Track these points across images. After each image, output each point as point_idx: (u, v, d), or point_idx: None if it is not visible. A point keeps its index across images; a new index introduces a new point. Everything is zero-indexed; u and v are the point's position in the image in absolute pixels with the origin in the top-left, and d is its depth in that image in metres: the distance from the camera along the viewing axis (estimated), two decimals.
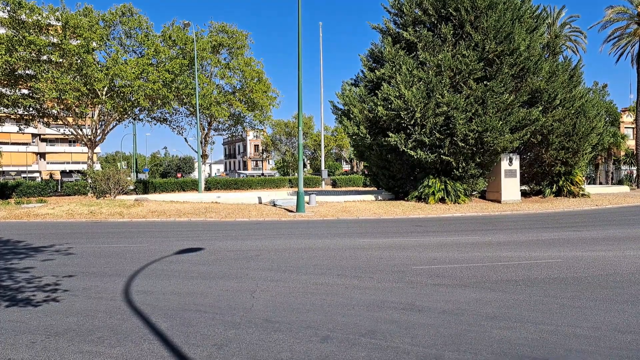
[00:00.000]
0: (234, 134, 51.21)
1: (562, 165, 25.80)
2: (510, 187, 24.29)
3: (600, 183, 50.52)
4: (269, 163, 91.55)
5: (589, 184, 44.57)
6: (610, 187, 34.90)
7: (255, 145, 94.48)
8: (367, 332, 5.20)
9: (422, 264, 8.97)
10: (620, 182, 47.80)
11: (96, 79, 30.05)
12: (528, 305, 6.16)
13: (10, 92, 30.89)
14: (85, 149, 39.87)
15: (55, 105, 32.65)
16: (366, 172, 38.71)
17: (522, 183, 26.25)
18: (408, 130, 22.12)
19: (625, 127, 56.45)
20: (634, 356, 4.48)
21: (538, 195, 27.42)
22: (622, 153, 51.84)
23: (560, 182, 26.50)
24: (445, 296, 6.68)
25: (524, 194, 27.15)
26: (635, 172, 42.81)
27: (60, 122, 35.00)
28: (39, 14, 29.11)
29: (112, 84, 31.62)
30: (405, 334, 5.14)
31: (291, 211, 20.30)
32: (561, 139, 24.45)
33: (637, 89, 37.85)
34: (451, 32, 22.60)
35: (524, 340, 4.90)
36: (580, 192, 26.52)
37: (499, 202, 23.89)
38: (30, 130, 61.88)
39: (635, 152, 40.98)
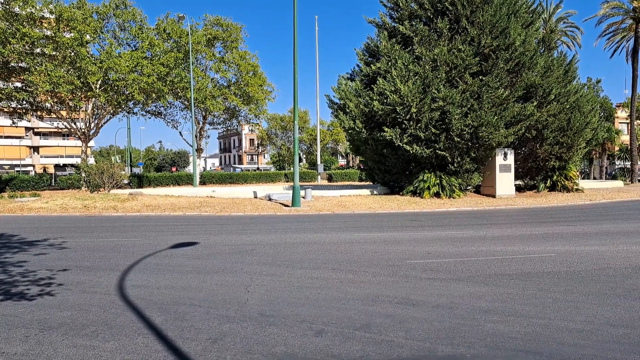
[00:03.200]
0: (229, 127, 51.11)
1: (557, 160, 25.88)
2: (505, 182, 24.36)
3: (595, 178, 50.81)
4: (264, 157, 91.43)
5: (583, 178, 44.79)
6: (605, 182, 35.09)
7: (250, 140, 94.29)
8: (361, 326, 5.22)
9: (417, 258, 9.00)
10: (614, 177, 48.11)
11: (90, 72, 29.87)
12: (522, 299, 6.20)
13: (3, 85, 30.68)
14: (79, 143, 39.67)
15: (49, 98, 32.46)
16: (362, 167, 38.74)
17: (516, 178, 26.34)
18: (404, 125, 22.12)
19: (620, 123, 56.72)
20: (626, 349, 4.51)
21: (532, 190, 27.52)
22: (617, 148, 52.15)
23: (555, 177, 26.60)
24: (439, 290, 6.70)
25: (519, 188, 27.25)
26: (629, 167, 43.02)
27: (54, 116, 34.79)
28: (33, 6, 28.85)
29: (106, 78, 31.45)
30: (399, 327, 5.16)
31: (287, 205, 20.29)
32: (555, 134, 24.53)
33: (631, 85, 38.01)
34: (447, 26, 22.57)
35: (517, 334, 4.93)
36: (574, 187, 26.63)
37: (494, 196, 23.96)
38: (24, 123, 61.35)
39: (629, 147, 41.17)
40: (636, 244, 10.23)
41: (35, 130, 77.82)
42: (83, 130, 34.37)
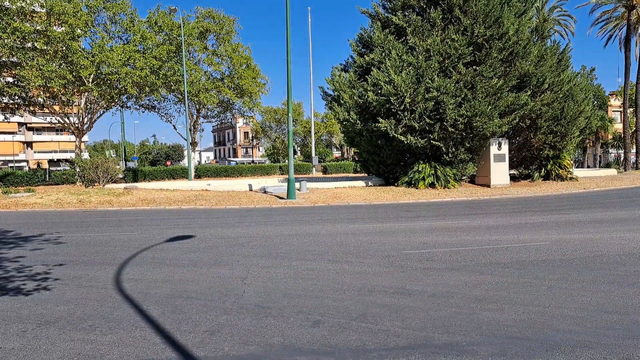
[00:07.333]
0: (223, 121, 50.93)
1: (551, 149, 25.98)
2: (499, 172, 24.44)
3: (588, 166, 51.07)
4: (259, 150, 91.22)
5: (577, 167, 45.00)
6: (598, 171, 35.24)
7: (244, 133, 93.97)
8: (358, 316, 5.25)
9: (412, 249, 9.04)
10: (607, 165, 48.36)
11: (82, 66, 29.62)
12: (517, 287, 6.25)
13: None
14: (73, 138, 39.50)
15: (41, 93, 32.18)
16: (356, 158, 38.74)
17: (511, 167, 26.42)
18: (398, 116, 22.11)
19: (613, 111, 56.94)
20: (619, 335, 4.57)
21: (527, 179, 27.63)
22: (610, 136, 52.42)
23: (549, 166, 26.71)
24: (435, 280, 6.74)
25: (513, 178, 27.35)
26: (622, 155, 43.24)
27: (47, 111, 34.51)
28: (23, 1, 28.52)
29: (99, 71, 31.19)
30: (395, 317, 5.20)
31: (282, 198, 20.29)
32: (549, 123, 24.60)
33: (624, 73, 38.10)
34: (440, 16, 22.50)
35: (513, 322, 4.97)
36: (569, 176, 26.75)
37: (488, 186, 24.05)
38: (17, 119, 61.11)
39: (622, 135, 41.35)
40: (629, 231, 10.32)
41: (29, 125, 77.32)
42: (76, 124, 34.15)
